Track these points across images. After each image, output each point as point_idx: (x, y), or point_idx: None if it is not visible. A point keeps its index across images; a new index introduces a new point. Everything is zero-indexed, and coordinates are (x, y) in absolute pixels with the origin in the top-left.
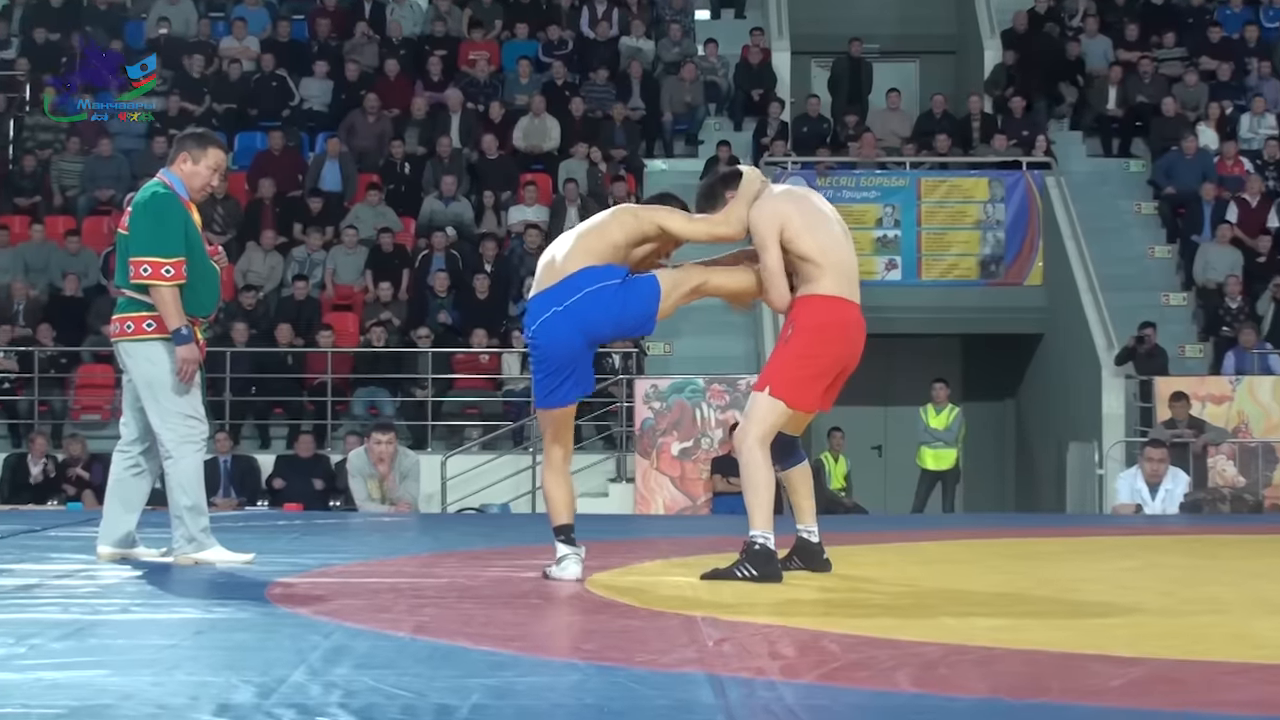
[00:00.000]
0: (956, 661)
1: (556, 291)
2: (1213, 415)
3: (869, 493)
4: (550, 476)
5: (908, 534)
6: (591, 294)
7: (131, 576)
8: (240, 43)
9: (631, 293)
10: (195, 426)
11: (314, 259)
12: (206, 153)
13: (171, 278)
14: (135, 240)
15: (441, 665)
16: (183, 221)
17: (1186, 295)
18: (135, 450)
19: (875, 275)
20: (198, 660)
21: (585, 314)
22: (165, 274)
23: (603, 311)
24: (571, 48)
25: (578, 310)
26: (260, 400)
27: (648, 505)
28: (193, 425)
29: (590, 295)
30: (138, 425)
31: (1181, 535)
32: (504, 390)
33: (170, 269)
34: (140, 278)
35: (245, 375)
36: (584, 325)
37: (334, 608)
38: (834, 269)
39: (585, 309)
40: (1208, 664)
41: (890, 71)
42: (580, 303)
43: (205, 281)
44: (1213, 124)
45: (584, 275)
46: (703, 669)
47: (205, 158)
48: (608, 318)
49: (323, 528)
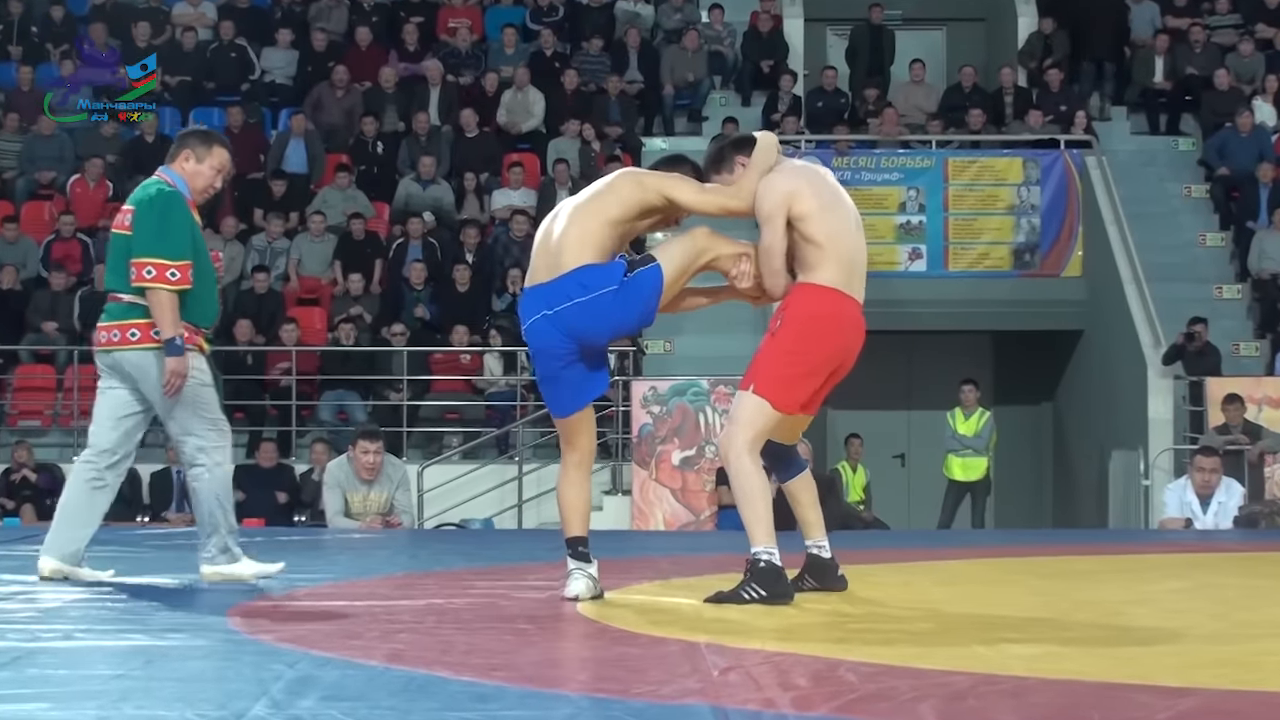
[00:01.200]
0: (986, 693)
1: (548, 292)
2: (1270, 420)
3: (890, 506)
4: (560, 481)
5: (933, 551)
6: (582, 305)
7: (75, 599)
8: (195, 9)
9: (629, 296)
10: (224, 432)
11: (276, 248)
12: (211, 152)
13: (176, 281)
14: (139, 240)
15: (418, 697)
16: (189, 223)
17: (1241, 287)
18: (101, 463)
19: (898, 266)
20: (148, 692)
21: (576, 324)
22: (170, 277)
23: (595, 322)
24: (562, 14)
25: (567, 318)
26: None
27: (646, 520)
28: (223, 431)
29: (580, 306)
30: (112, 438)
31: (1235, 553)
32: (487, 394)
33: (175, 272)
34: (142, 280)
35: None
36: (575, 334)
37: (299, 633)
38: (838, 259)
39: (576, 318)
40: (1264, 695)
41: (914, 40)
42: (570, 311)
43: (209, 290)
44: (1270, 98)
45: (577, 277)
46: (707, 701)
47: (210, 157)
48: (602, 327)
49: (287, 545)
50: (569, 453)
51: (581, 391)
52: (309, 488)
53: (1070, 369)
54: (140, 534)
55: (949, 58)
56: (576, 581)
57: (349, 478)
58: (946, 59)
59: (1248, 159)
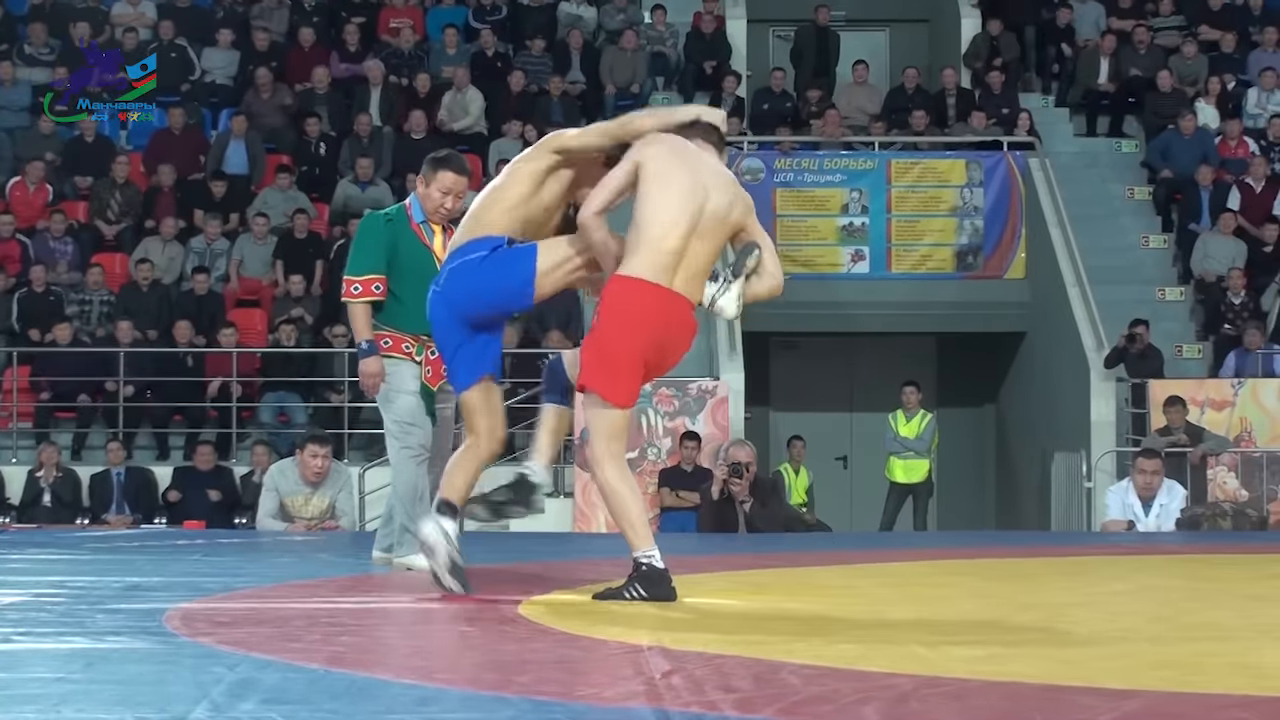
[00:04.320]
0: (929, 695)
1: (441, 270)
2: (1212, 422)
3: (833, 508)
4: (453, 458)
5: (875, 554)
6: (455, 270)
7: (13, 602)
8: (134, 8)
9: (499, 264)
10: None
11: (215, 249)
12: (436, 176)
13: (359, 294)
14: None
15: (359, 700)
16: (384, 242)
17: (1184, 290)
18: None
19: (840, 268)
20: (88, 695)
21: (452, 291)
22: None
23: (467, 284)
24: (505, 14)
25: (448, 288)
26: (157, 406)
27: (588, 522)
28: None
29: (455, 271)
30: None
31: (1178, 555)
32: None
33: (358, 286)
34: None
35: (139, 379)
36: (452, 302)
37: (240, 636)
38: (654, 249)
39: (452, 286)
40: (1207, 696)
41: (857, 41)
42: (448, 280)
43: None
44: (1213, 100)
45: (460, 250)
46: (649, 704)
47: (435, 181)
48: (473, 291)
49: (227, 547)
50: (467, 434)
51: (473, 366)
52: (249, 490)
53: (1013, 371)
54: (80, 536)
55: (892, 59)
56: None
57: (293, 481)
58: (890, 60)
59: (1190, 161)
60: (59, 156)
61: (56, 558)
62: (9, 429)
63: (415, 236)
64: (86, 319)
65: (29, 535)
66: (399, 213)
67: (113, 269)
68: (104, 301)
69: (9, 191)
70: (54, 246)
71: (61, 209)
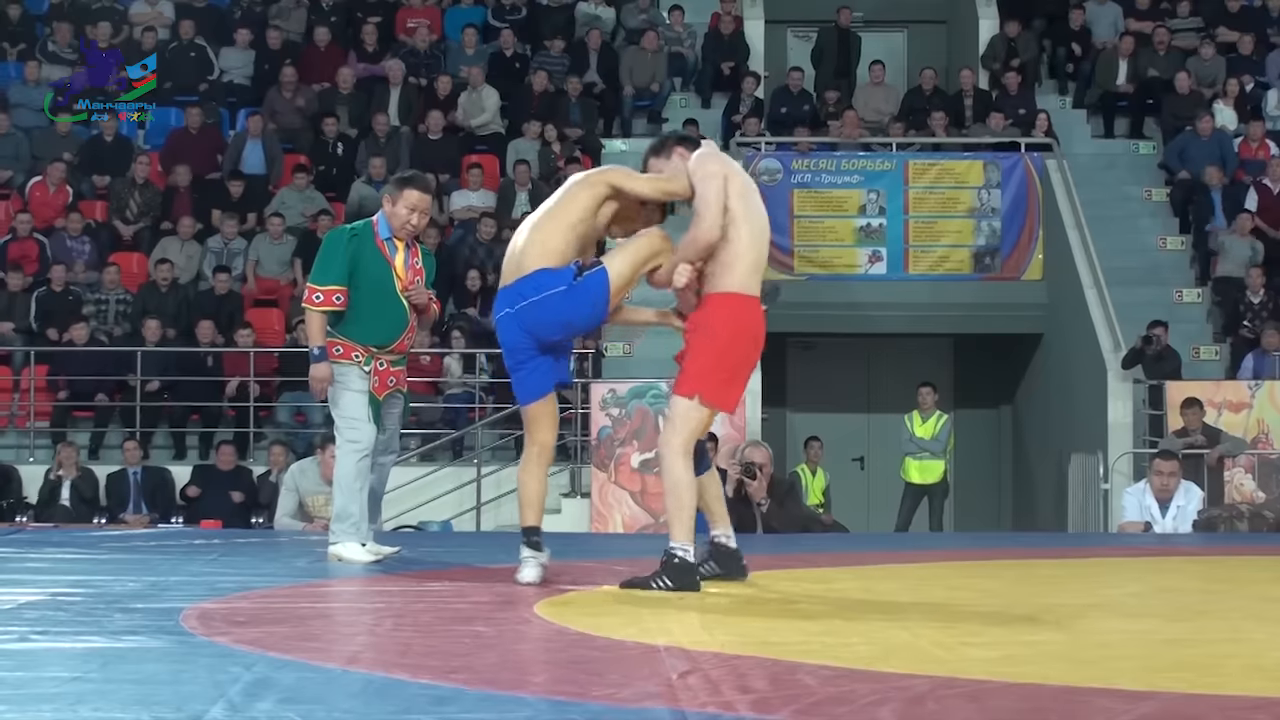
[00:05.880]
0: (946, 696)
1: (510, 293)
2: (1229, 424)
3: (849, 509)
4: (520, 470)
5: (891, 555)
6: (535, 303)
7: (30, 601)
8: (153, 8)
9: (577, 295)
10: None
11: (232, 248)
12: (402, 194)
13: (320, 303)
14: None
15: (376, 700)
16: (347, 256)
17: (1201, 291)
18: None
19: (857, 269)
20: (105, 695)
21: (531, 320)
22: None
23: (547, 317)
24: (524, 14)
25: (524, 316)
26: (175, 406)
27: (605, 523)
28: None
29: (534, 305)
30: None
31: (1195, 556)
32: (444, 396)
33: (320, 295)
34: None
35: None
36: (531, 330)
37: (257, 635)
38: (754, 266)
39: (531, 316)
40: (1223, 698)
41: (875, 42)
42: (526, 310)
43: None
44: (1231, 102)
45: (533, 280)
46: (666, 704)
47: (401, 198)
48: (554, 323)
49: (245, 547)
50: (529, 444)
51: (542, 381)
52: (266, 490)
53: (1030, 372)
54: (97, 535)
55: (910, 60)
56: (529, 569)
57: (312, 481)
58: (908, 61)
59: (1208, 162)
60: (77, 156)
61: (74, 557)
62: (27, 428)
63: (378, 252)
64: (103, 318)
65: (46, 534)
66: (365, 228)
67: (129, 268)
68: (120, 301)
69: (29, 192)
70: (71, 246)
71: (79, 209)
